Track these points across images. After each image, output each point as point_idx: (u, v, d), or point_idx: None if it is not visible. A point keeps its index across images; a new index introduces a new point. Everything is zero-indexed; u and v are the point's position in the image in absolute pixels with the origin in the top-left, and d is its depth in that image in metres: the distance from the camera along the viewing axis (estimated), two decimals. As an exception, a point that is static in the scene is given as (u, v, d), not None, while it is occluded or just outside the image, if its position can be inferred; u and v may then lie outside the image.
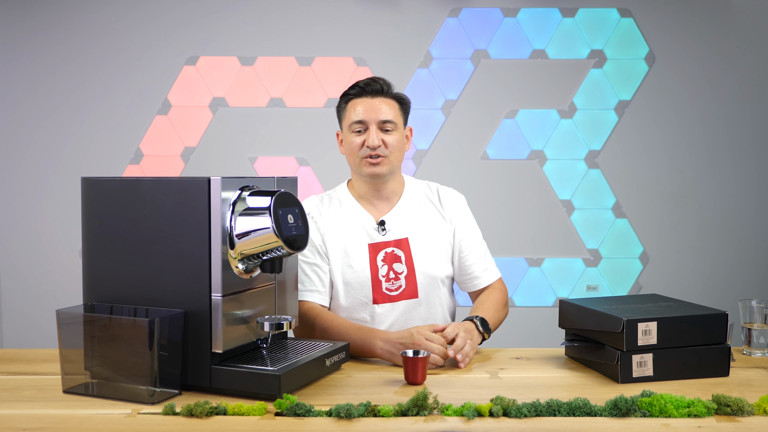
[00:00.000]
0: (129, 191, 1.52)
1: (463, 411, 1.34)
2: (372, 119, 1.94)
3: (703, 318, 1.58)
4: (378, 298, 1.96)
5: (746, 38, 3.59)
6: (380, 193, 2.02)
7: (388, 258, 1.97)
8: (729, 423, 1.31)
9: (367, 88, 1.97)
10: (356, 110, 1.96)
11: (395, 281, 1.96)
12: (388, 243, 1.98)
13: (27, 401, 1.45)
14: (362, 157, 1.96)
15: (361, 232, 1.99)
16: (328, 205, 2.05)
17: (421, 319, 1.98)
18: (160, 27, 3.61)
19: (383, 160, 1.95)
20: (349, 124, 1.97)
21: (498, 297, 2.02)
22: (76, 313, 1.50)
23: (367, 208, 2.02)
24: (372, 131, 1.94)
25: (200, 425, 1.31)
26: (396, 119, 1.97)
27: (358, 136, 1.96)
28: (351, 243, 1.98)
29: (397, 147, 1.97)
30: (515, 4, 3.60)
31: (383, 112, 1.95)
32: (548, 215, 3.63)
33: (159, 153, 3.66)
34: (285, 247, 1.46)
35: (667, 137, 3.63)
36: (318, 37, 3.61)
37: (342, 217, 2.02)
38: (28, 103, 3.65)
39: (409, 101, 2.04)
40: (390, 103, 1.98)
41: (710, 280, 3.63)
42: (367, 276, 1.96)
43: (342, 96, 2.02)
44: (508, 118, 3.62)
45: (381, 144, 1.94)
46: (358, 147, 1.95)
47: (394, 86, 2.01)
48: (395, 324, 1.97)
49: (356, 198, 2.04)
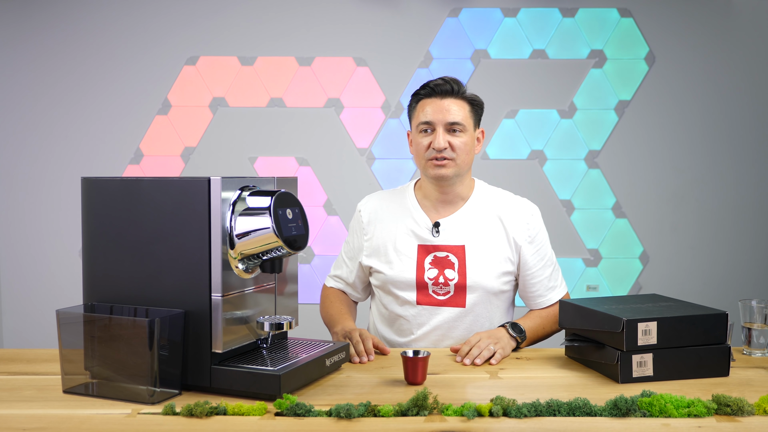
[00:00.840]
0: (129, 191, 1.52)
1: (463, 411, 1.34)
2: (439, 120, 1.90)
3: (703, 318, 1.58)
4: (422, 300, 1.95)
5: (746, 38, 3.59)
6: (445, 196, 1.98)
7: (440, 262, 1.94)
8: (729, 423, 1.31)
9: (437, 89, 1.92)
10: (425, 111, 1.92)
11: (444, 287, 1.93)
12: (439, 247, 1.95)
13: (27, 401, 1.45)
14: (428, 159, 1.92)
15: (414, 232, 1.98)
16: (389, 201, 2.06)
17: (464, 329, 1.95)
18: (160, 27, 3.61)
19: (449, 163, 1.91)
20: (417, 124, 1.94)
21: (551, 310, 1.98)
22: (76, 313, 1.50)
23: (427, 209, 2.00)
24: (439, 133, 1.90)
25: (200, 425, 1.31)
26: (465, 121, 1.92)
27: (425, 137, 1.92)
28: (401, 241, 1.98)
29: (465, 150, 1.92)
30: (515, 4, 3.60)
31: (452, 113, 1.90)
32: (548, 215, 3.60)
33: (159, 153, 3.66)
34: (285, 247, 1.46)
35: (667, 137, 3.63)
36: (318, 37, 3.61)
37: (398, 215, 2.01)
38: (28, 103, 3.65)
39: (481, 102, 1.99)
40: (460, 104, 1.92)
41: (710, 280, 3.63)
42: (412, 276, 1.94)
43: (413, 95, 1.99)
44: (508, 118, 3.62)
45: (447, 146, 1.89)
46: (424, 148, 1.92)
47: (466, 87, 1.95)
48: (436, 330, 1.95)
49: (420, 198, 2.03)
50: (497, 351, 1.74)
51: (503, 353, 1.76)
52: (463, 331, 1.95)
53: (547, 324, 1.96)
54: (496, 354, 1.74)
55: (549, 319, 1.97)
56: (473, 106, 1.96)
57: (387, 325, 2.03)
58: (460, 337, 1.95)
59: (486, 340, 1.76)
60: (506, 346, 1.79)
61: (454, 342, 1.96)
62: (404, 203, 2.04)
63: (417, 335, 1.96)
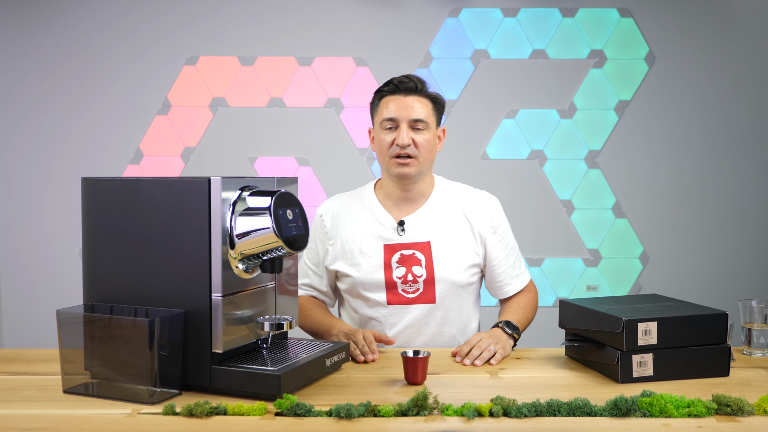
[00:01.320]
0: (129, 191, 1.52)
1: (463, 411, 1.34)
2: (403, 117, 1.91)
3: (703, 318, 1.58)
4: (393, 300, 1.95)
5: (746, 38, 3.59)
6: (407, 193, 1.99)
7: (407, 260, 1.94)
8: (729, 423, 1.31)
9: (400, 86, 1.93)
10: (388, 107, 1.93)
11: (413, 284, 1.94)
12: (406, 245, 1.95)
13: (27, 401, 1.45)
14: (391, 156, 1.92)
15: (378, 233, 1.97)
16: (350, 203, 2.05)
17: (436, 324, 1.96)
18: (160, 27, 3.61)
19: (412, 161, 1.92)
20: (381, 121, 1.94)
21: (525, 298, 2.03)
22: (76, 313, 1.50)
23: (390, 208, 2.00)
24: (403, 129, 1.90)
25: (200, 425, 1.31)
26: (428, 119, 1.93)
27: (389, 134, 1.93)
28: (366, 243, 1.97)
29: (428, 147, 1.93)
30: (515, 4, 3.60)
31: (415, 110, 1.91)
32: (548, 215, 3.63)
33: (159, 153, 3.66)
34: (285, 247, 1.46)
35: (667, 137, 3.63)
36: (318, 37, 3.61)
37: (361, 217, 2.00)
38: (28, 103, 3.65)
39: (443, 101, 2.00)
40: (423, 101, 1.93)
41: (710, 280, 3.63)
42: (381, 276, 1.94)
43: (375, 93, 1.99)
44: (508, 118, 3.62)
45: (411, 143, 1.90)
46: (387, 145, 1.93)
47: (429, 85, 1.97)
48: (408, 327, 1.95)
49: (382, 197, 2.02)
50: (498, 351, 1.75)
51: (504, 353, 1.76)
52: (435, 326, 1.96)
53: (528, 313, 2.00)
54: (496, 354, 1.74)
55: (528, 307, 2.01)
56: (435, 105, 1.97)
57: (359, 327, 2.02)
58: (432, 333, 1.97)
59: (487, 340, 1.77)
60: (506, 345, 1.80)
61: (426, 338, 1.97)
62: (366, 204, 2.02)
63: (390, 335, 1.96)
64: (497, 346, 1.76)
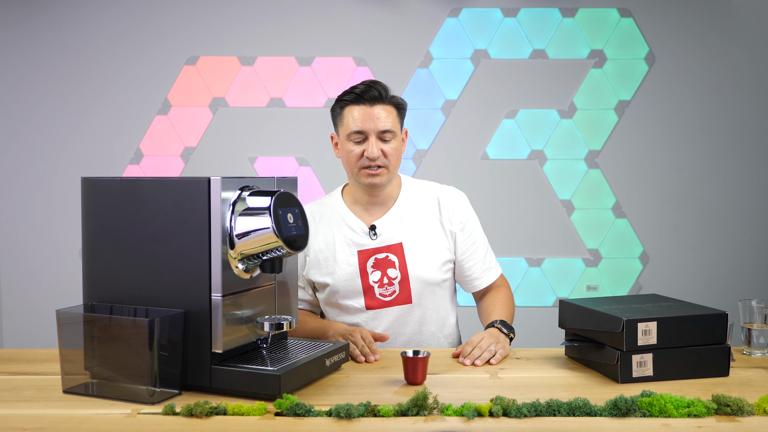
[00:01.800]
0: (129, 191, 1.52)
1: (463, 411, 1.34)
2: (371, 129, 1.89)
3: (703, 318, 1.58)
4: (371, 304, 1.96)
5: (746, 38, 3.59)
6: (376, 198, 1.99)
7: (381, 264, 1.95)
8: (729, 423, 1.31)
9: (364, 95, 1.90)
10: (354, 118, 1.90)
11: (389, 287, 1.95)
12: (379, 249, 1.96)
13: (27, 401, 1.45)
14: (361, 167, 1.92)
15: (351, 239, 1.97)
16: (320, 212, 2.03)
17: (415, 323, 1.98)
18: (160, 27, 3.61)
19: (382, 171, 1.92)
20: (348, 134, 1.91)
21: (504, 294, 2.03)
22: (76, 313, 1.50)
23: (360, 214, 2.00)
24: (371, 142, 1.89)
25: (200, 425, 1.31)
26: (394, 127, 1.92)
27: (357, 146, 1.91)
28: (340, 250, 1.97)
29: (396, 155, 1.94)
30: (515, 4, 3.60)
31: (382, 121, 1.89)
32: (548, 215, 3.63)
33: (159, 153, 3.66)
34: (285, 247, 1.46)
35: (667, 137, 3.63)
36: (318, 37, 3.61)
37: (333, 225, 2.00)
38: (28, 103, 3.65)
39: (405, 105, 1.98)
40: (388, 110, 1.92)
41: (710, 280, 3.63)
42: (358, 283, 1.95)
43: (337, 101, 1.95)
44: (508, 118, 3.62)
45: (381, 154, 1.90)
46: (357, 157, 1.91)
47: (390, 89, 1.95)
48: (389, 329, 1.97)
49: (350, 203, 2.02)
50: (498, 351, 1.75)
51: (504, 352, 1.77)
52: (414, 326, 1.98)
53: (511, 308, 2.01)
54: (496, 354, 1.74)
55: (508, 302, 2.02)
56: (399, 110, 1.96)
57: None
58: (412, 332, 1.98)
59: (487, 339, 1.77)
60: (505, 345, 1.80)
61: (407, 338, 1.98)
62: (335, 211, 2.02)
63: None
64: (497, 346, 1.77)
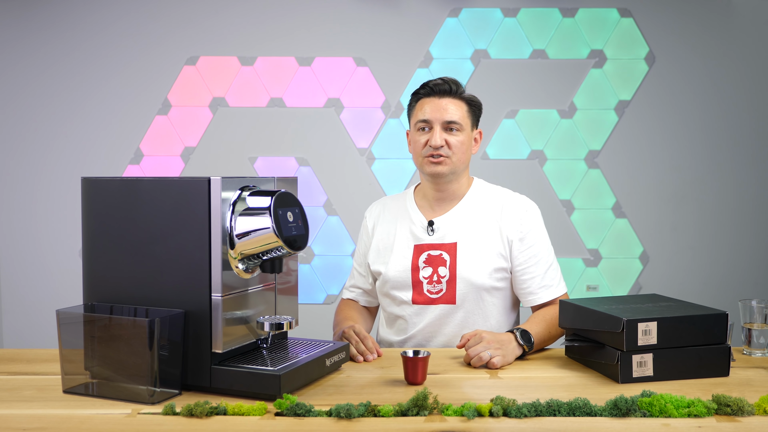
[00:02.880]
0: (129, 191, 1.52)
1: (463, 411, 1.34)
2: (437, 119, 1.93)
3: (703, 318, 1.58)
4: (417, 299, 1.97)
5: (746, 38, 3.59)
6: (441, 194, 2.01)
7: (434, 260, 1.96)
8: (729, 423, 1.31)
9: (435, 88, 1.96)
10: (423, 109, 1.96)
11: (437, 284, 1.95)
12: (433, 245, 1.97)
13: (27, 401, 1.45)
14: (424, 156, 1.95)
15: (411, 232, 2.01)
16: (391, 204, 2.11)
17: (456, 325, 1.96)
18: (160, 27, 3.61)
19: (445, 160, 1.94)
20: (415, 123, 1.98)
21: (552, 313, 1.90)
22: (76, 313, 1.50)
23: (424, 209, 2.03)
24: (436, 131, 1.93)
25: (200, 425, 1.31)
26: (462, 120, 1.95)
27: (423, 135, 1.96)
28: (399, 242, 2.01)
29: (462, 149, 1.95)
30: (515, 4, 3.60)
31: (449, 112, 1.94)
32: (548, 215, 3.59)
33: (159, 153, 3.66)
34: (285, 247, 1.46)
35: (667, 137, 3.63)
36: (318, 37, 3.61)
37: (398, 217, 2.06)
38: (28, 103, 3.65)
39: (479, 103, 2.02)
40: (458, 104, 1.96)
41: (710, 280, 3.63)
42: (408, 276, 1.97)
43: (413, 95, 2.02)
44: (508, 118, 3.62)
45: (444, 144, 1.92)
46: (421, 146, 1.95)
47: (464, 87, 1.99)
48: (428, 326, 1.97)
49: (419, 198, 2.06)
50: (495, 357, 1.69)
51: (503, 360, 1.70)
52: (454, 327, 1.96)
53: (552, 329, 1.87)
54: (493, 359, 1.68)
55: (553, 322, 1.89)
56: (471, 107, 1.99)
57: (388, 326, 2.07)
58: (451, 334, 1.97)
59: (488, 343, 1.71)
60: (509, 353, 1.73)
61: (446, 339, 1.97)
62: (404, 205, 2.08)
63: (410, 333, 1.99)
64: (497, 351, 1.70)
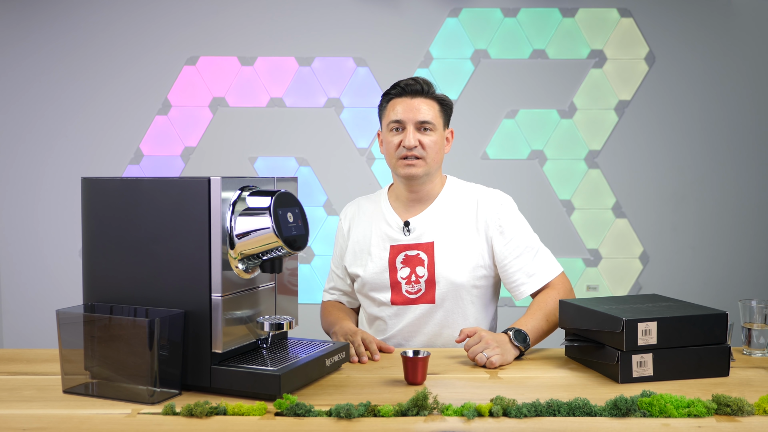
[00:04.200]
0: (129, 191, 1.52)
1: (463, 411, 1.34)
2: (410, 119, 1.92)
3: (703, 318, 1.58)
4: (397, 300, 1.97)
5: (746, 38, 3.59)
6: (415, 194, 2.00)
7: (411, 260, 1.95)
8: (729, 423, 1.31)
9: (407, 88, 1.95)
10: (395, 110, 1.94)
11: (416, 284, 1.95)
12: (410, 245, 1.96)
13: (27, 401, 1.45)
14: (398, 158, 1.94)
15: (386, 233, 2.00)
16: (365, 206, 2.10)
17: (436, 325, 1.95)
18: (160, 27, 3.61)
19: (419, 162, 1.92)
20: (387, 123, 1.96)
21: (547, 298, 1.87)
22: (76, 313, 1.50)
23: (399, 210, 2.02)
24: (409, 131, 1.91)
25: (200, 425, 1.31)
26: (435, 120, 1.94)
27: (396, 136, 1.94)
28: (374, 244, 2.00)
29: (435, 149, 1.94)
30: (515, 4, 3.60)
31: (422, 112, 1.92)
32: (548, 215, 3.63)
33: (159, 153, 3.66)
34: (285, 247, 1.46)
35: (667, 137, 3.63)
36: (318, 37, 3.61)
37: (373, 218, 2.04)
38: (28, 103, 3.65)
39: (450, 103, 2.01)
40: (430, 103, 1.95)
41: (710, 280, 3.63)
42: (386, 277, 1.97)
43: (383, 95, 2.01)
44: (508, 118, 3.62)
45: (417, 144, 1.91)
46: (394, 147, 1.94)
47: (435, 87, 1.98)
48: (409, 326, 1.96)
49: (393, 199, 2.05)
50: (494, 356, 1.67)
51: (502, 360, 1.69)
52: (434, 327, 1.96)
53: (551, 316, 1.85)
54: (492, 358, 1.67)
55: (546, 308, 1.86)
56: (443, 106, 1.98)
57: (368, 327, 2.07)
58: (431, 333, 1.96)
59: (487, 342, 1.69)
60: (507, 354, 1.71)
61: (426, 338, 1.97)
62: (378, 206, 2.06)
63: (389, 333, 1.99)
64: (496, 350, 1.69)
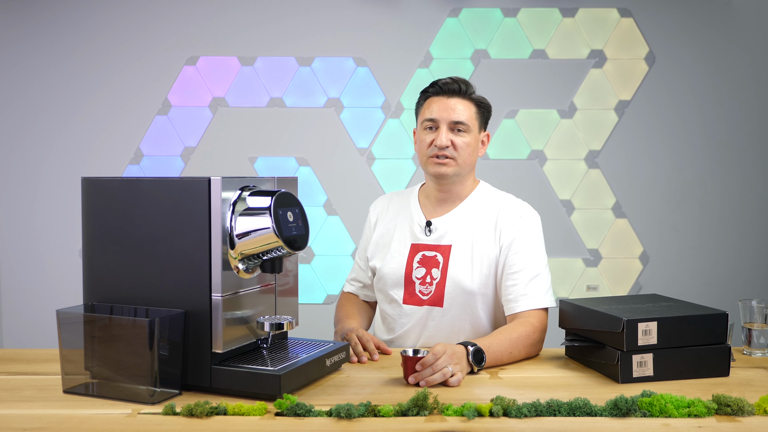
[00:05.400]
0: (129, 191, 1.52)
1: (463, 411, 1.34)
2: (444, 119, 1.90)
3: (703, 318, 1.58)
4: (407, 299, 1.95)
5: (746, 38, 3.59)
6: (444, 194, 1.98)
7: (428, 261, 1.94)
8: (729, 423, 1.31)
9: (444, 87, 1.92)
10: (430, 108, 1.93)
11: (429, 286, 1.93)
12: (429, 246, 1.95)
13: (27, 401, 1.45)
14: (429, 156, 1.92)
15: (409, 231, 1.99)
16: (396, 201, 2.09)
17: (442, 329, 1.92)
18: (160, 27, 3.61)
19: (450, 162, 1.90)
20: (422, 121, 1.95)
21: (520, 332, 1.75)
22: (76, 313, 1.50)
23: (426, 208, 2.00)
24: (442, 131, 1.89)
25: (200, 425, 1.31)
26: (469, 121, 1.91)
27: (429, 134, 1.92)
28: (397, 239, 2.00)
29: (467, 150, 1.91)
30: (515, 4, 3.60)
31: (457, 112, 1.90)
32: (548, 215, 3.62)
33: (159, 153, 3.66)
34: (285, 247, 1.46)
35: (667, 137, 3.63)
36: (318, 37, 3.61)
37: (399, 214, 2.04)
38: (28, 103, 3.65)
39: (489, 105, 1.97)
40: (466, 104, 1.92)
41: (710, 280, 3.63)
42: (401, 275, 1.95)
43: (421, 93, 1.99)
44: (508, 118, 3.62)
45: (449, 144, 1.89)
46: (426, 145, 1.92)
47: (474, 88, 1.95)
48: (414, 328, 1.95)
49: (423, 197, 2.04)
50: (456, 373, 1.55)
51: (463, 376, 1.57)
52: (439, 330, 1.92)
53: (514, 348, 1.73)
54: (456, 376, 1.54)
55: (517, 341, 1.74)
56: (480, 108, 1.95)
57: (381, 324, 2.07)
58: (438, 336, 1.91)
59: (446, 359, 1.55)
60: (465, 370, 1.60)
61: (432, 341, 1.92)
62: (407, 202, 2.05)
63: (398, 333, 1.97)
64: (456, 367, 1.56)
